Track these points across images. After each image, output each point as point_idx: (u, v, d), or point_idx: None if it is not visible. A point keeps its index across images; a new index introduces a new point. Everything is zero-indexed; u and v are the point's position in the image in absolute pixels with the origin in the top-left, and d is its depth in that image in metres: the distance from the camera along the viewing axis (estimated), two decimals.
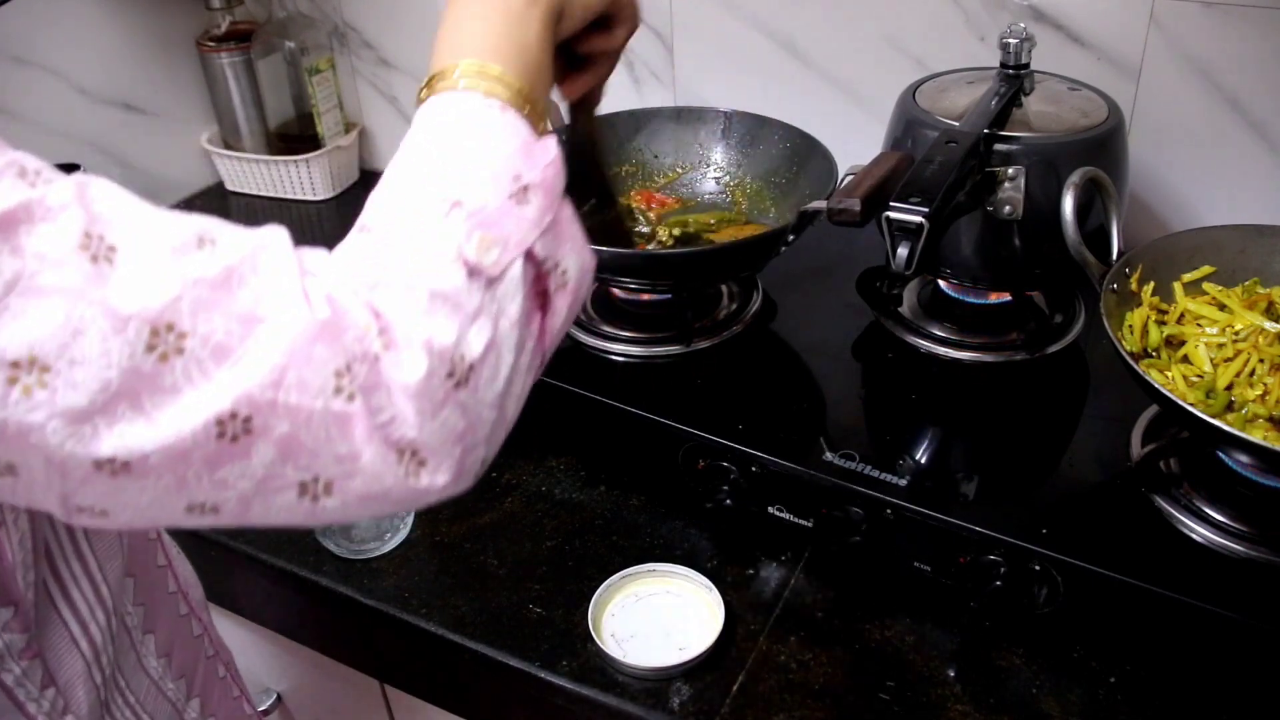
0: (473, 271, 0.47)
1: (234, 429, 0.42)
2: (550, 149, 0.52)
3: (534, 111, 0.54)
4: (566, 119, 0.81)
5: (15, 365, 0.38)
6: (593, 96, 0.77)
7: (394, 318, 0.45)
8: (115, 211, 0.42)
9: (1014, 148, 0.86)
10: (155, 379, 0.40)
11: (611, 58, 0.72)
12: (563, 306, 0.52)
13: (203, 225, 0.44)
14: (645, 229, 1.07)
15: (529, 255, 0.49)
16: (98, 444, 0.40)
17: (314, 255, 0.47)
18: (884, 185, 0.75)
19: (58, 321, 0.38)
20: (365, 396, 0.44)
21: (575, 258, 0.52)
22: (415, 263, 0.46)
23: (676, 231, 1.05)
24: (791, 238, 0.90)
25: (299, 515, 0.46)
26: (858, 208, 0.73)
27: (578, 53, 0.70)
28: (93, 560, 0.59)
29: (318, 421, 0.43)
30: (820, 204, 0.83)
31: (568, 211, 0.52)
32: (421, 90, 0.55)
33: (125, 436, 0.40)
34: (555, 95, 0.73)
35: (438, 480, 0.46)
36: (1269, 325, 0.81)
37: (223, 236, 0.44)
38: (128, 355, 0.40)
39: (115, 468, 0.40)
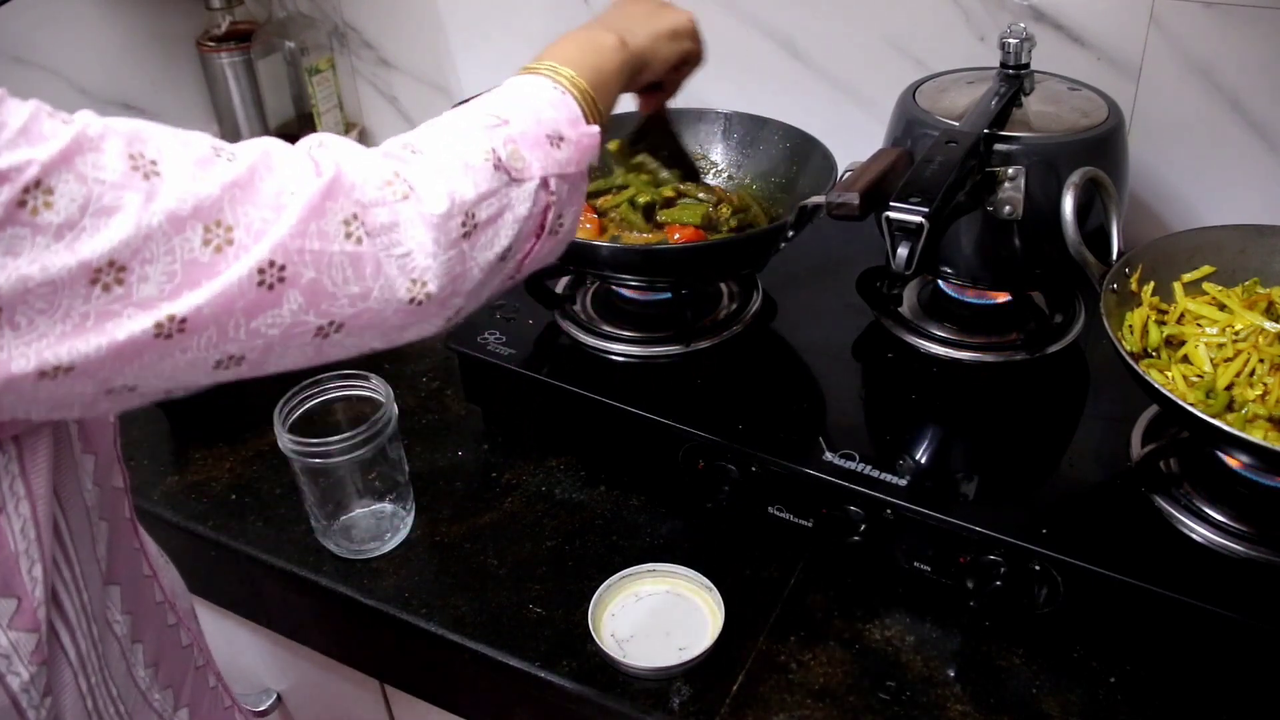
0: (499, 164, 0.58)
1: (270, 277, 0.49)
2: (593, 129, 0.64)
3: (592, 108, 0.66)
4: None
5: (98, 270, 0.45)
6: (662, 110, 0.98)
7: (427, 171, 0.55)
8: (138, 132, 0.48)
9: (1014, 148, 0.86)
10: (211, 267, 0.48)
11: (678, 85, 0.89)
12: (548, 247, 0.63)
13: (211, 140, 0.51)
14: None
15: (545, 184, 0.60)
16: (160, 310, 0.47)
17: (337, 140, 0.56)
18: (883, 180, 0.75)
19: (129, 231, 0.45)
20: (376, 237, 0.53)
21: (572, 219, 0.65)
22: (457, 144, 0.58)
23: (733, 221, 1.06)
24: (791, 233, 0.90)
25: (309, 354, 0.54)
26: (856, 201, 0.73)
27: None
28: (77, 565, 0.59)
29: (336, 263, 0.51)
30: (820, 199, 0.83)
31: (584, 188, 0.65)
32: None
33: (187, 300, 0.47)
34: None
35: (431, 301, 0.55)
36: (1269, 325, 0.81)
37: (227, 146, 0.51)
38: (187, 250, 0.47)
39: (173, 328, 0.47)
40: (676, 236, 1.00)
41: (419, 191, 0.55)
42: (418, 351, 1.13)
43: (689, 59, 0.83)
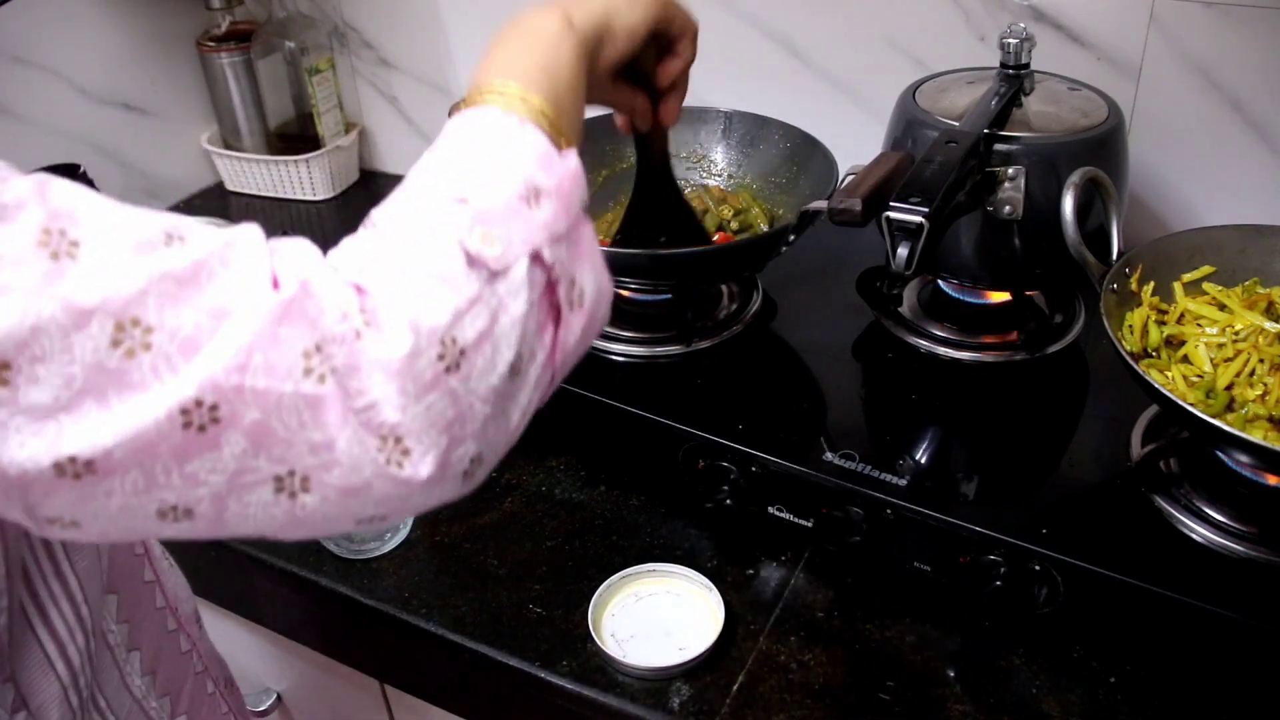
0: (472, 261, 0.46)
1: (200, 418, 0.40)
2: (570, 162, 0.52)
3: (556, 129, 0.54)
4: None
5: None
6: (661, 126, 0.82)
7: (382, 296, 0.44)
8: (77, 207, 0.41)
9: (1014, 148, 0.86)
10: (122, 375, 0.39)
11: (684, 75, 0.77)
12: (577, 325, 0.51)
13: (171, 222, 0.43)
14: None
15: (538, 259, 0.48)
16: (60, 442, 0.39)
17: (297, 244, 0.46)
18: (885, 185, 0.75)
19: (14, 319, 0.37)
20: (340, 379, 0.42)
21: (593, 278, 0.52)
22: (413, 248, 0.46)
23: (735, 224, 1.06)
24: (792, 238, 0.90)
25: (279, 517, 0.44)
26: (859, 208, 0.73)
27: (657, 85, 0.75)
28: (73, 579, 0.57)
29: (288, 406, 0.42)
30: (821, 204, 0.83)
31: (588, 231, 0.52)
32: (450, 110, 0.55)
33: (89, 433, 0.39)
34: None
35: (421, 471, 0.44)
36: (1269, 325, 0.81)
37: (191, 233, 0.42)
38: (91, 350, 0.39)
39: (79, 469, 0.39)
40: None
41: (377, 323, 0.43)
42: None
43: (674, 30, 0.70)
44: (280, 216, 1.49)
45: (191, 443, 0.41)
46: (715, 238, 1.03)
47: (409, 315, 0.44)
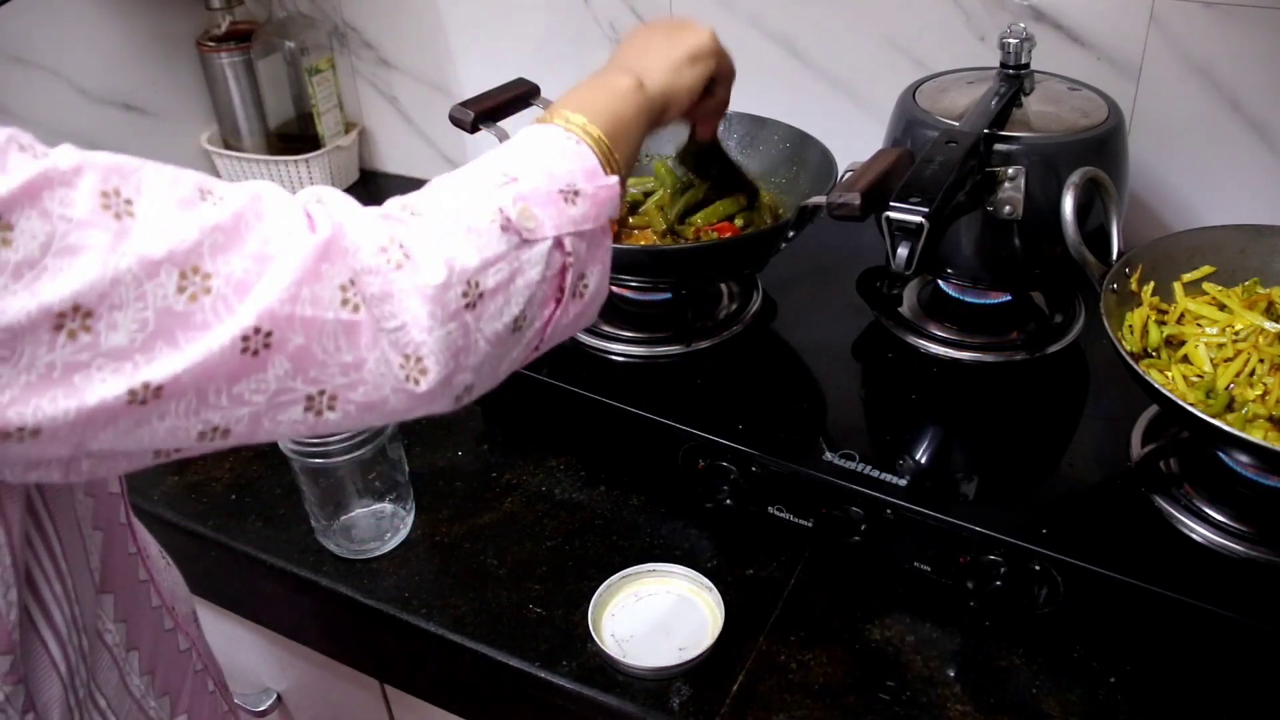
0: (507, 226, 0.53)
1: (256, 343, 0.46)
2: (612, 180, 0.59)
3: (607, 157, 0.61)
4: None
5: (61, 315, 0.41)
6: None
7: (422, 234, 0.51)
8: (119, 167, 0.45)
9: (1014, 148, 0.86)
10: (188, 317, 0.45)
11: (723, 105, 0.87)
12: (572, 311, 0.58)
13: (197, 177, 0.48)
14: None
15: (560, 244, 0.55)
16: (136, 375, 0.44)
17: (334, 194, 0.53)
18: (884, 180, 0.75)
19: (95, 274, 0.42)
20: (372, 306, 0.49)
21: (598, 278, 0.60)
22: (460, 202, 0.54)
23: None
24: (792, 234, 0.90)
25: (302, 429, 0.50)
26: (858, 202, 0.73)
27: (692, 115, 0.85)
28: (70, 580, 0.58)
29: (329, 331, 0.48)
30: (820, 199, 0.83)
31: (608, 240, 0.60)
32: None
33: (162, 365, 0.44)
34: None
35: (430, 386, 0.51)
36: (1269, 325, 0.81)
37: (218, 188, 0.48)
38: (161, 296, 0.44)
39: (148, 394, 0.44)
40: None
41: (415, 259, 0.50)
42: None
43: (718, 77, 0.81)
44: None
45: (245, 365, 0.46)
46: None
47: (445, 254, 0.51)
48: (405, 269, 0.50)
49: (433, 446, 1.00)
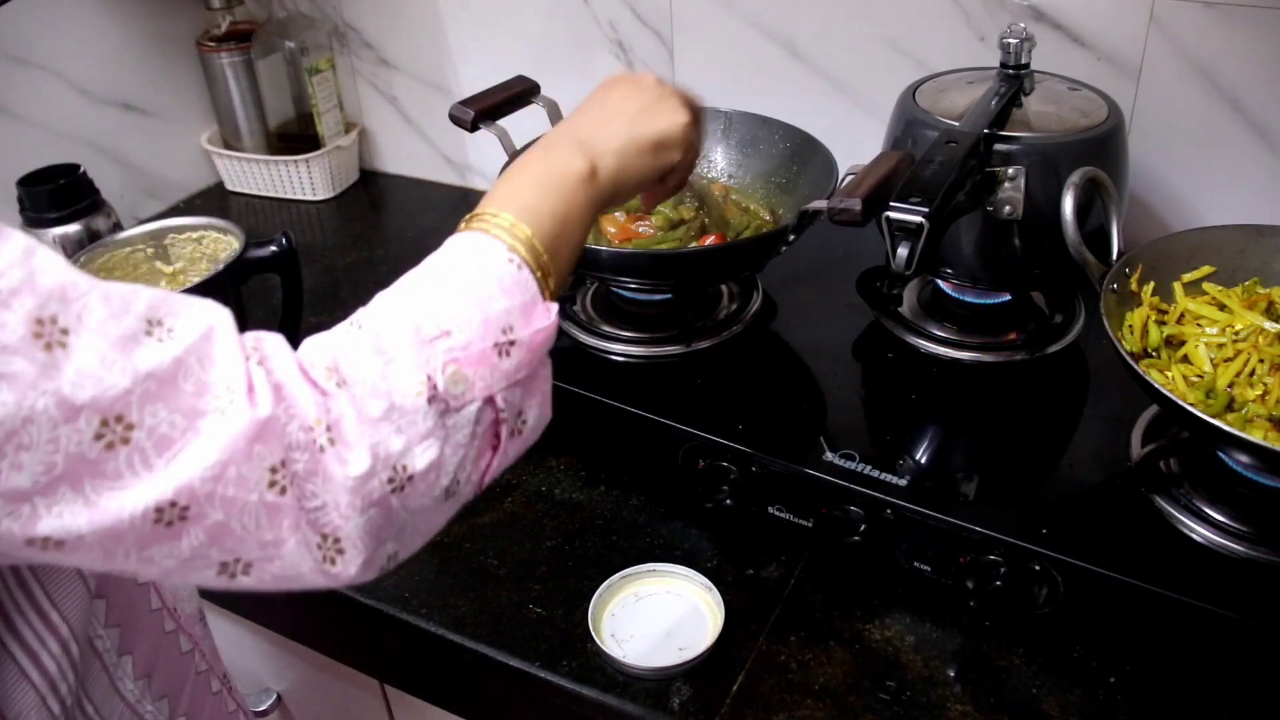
0: (434, 398, 0.50)
1: (171, 516, 0.44)
2: (550, 315, 0.56)
3: (550, 277, 0.58)
4: None
5: None
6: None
7: (349, 414, 0.48)
8: (65, 289, 0.43)
9: (1014, 148, 0.86)
10: (99, 465, 0.42)
11: (678, 187, 0.80)
12: (514, 451, 0.56)
13: (149, 303, 0.45)
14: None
15: (490, 400, 0.53)
16: (35, 524, 0.42)
17: (274, 344, 0.50)
18: (885, 185, 0.75)
19: (9, 409, 0.40)
20: (299, 483, 0.47)
21: (538, 411, 0.57)
22: (387, 372, 0.50)
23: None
24: (792, 237, 0.90)
25: (215, 586, 0.48)
26: (858, 207, 0.73)
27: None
28: (38, 587, 0.57)
29: (250, 511, 0.46)
30: (821, 203, 0.83)
31: (546, 370, 0.57)
32: (462, 221, 0.60)
33: (63, 518, 0.42)
34: None
35: (349, 569, 0.49)
36: (1269, 325, 0.81)
37: (169, 317, 0.45)
38: (75, 442, 0.41)
39: (48, 545, 0.42)
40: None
41: (340, 443, 0.47)
42: None
43: (678, 166, 0.73)
44: (280, 216, 1.49)
45: (157, 534, 0.44)
46: (710, 239, 1.03)
47: (370, 438, 0.48)
48: (329, 453, 0.47)
49: None
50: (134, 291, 0.45)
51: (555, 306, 0.57)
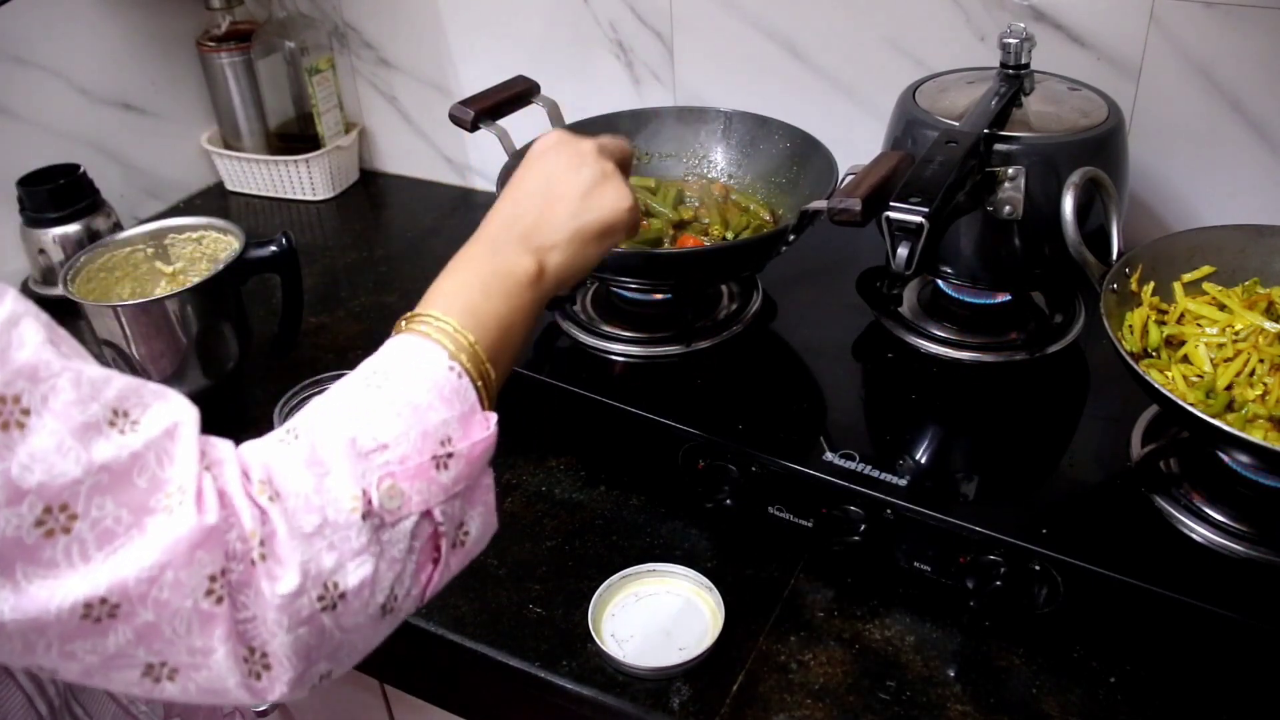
0: (369, 513, 0.49)
1: (100, 612, 0.43)
2: (489, 426, 0.55)
3: (490, 385, 0.57)
4: None
5: None
6: None
7: (282, 529, 0.47)
8: (34, 371, 0.42)
9: (1014, 148, 0.86)
10: (35, 551, 0.41)
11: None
12: (456, 563, 0.56)
13: (120, 392, 0.45)
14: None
15: (427, 514, 0.52)
16: None
17: (224, 446, 0.49)
18: (885, 185, 0.75)
19: None
20: (233, 595, 0.46)
21: (481, 521, 0.56)
22: (322, 486, 0.49)
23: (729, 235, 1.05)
24: (792, 237, 0.90)
25: (134, 690, 0.47)
26: (858, 207, 0.73)
27: None
28: None
29: (183, 616, 0.45)
30: (821, 204, 0.83)
31: (487, 480, 0.57)
32: (403, 319, 0.58)
33: None
34: None
35: (275, 687, 0.48)
36: (1269, 325, 0.81)
37: (135, 409, 0.45)
38: (14, 526, 0.41)
39: None
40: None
41: (272, 559, 0.47)
42: None
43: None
44: (280, 216, 1.49)
45: (83, 629, 0.43)
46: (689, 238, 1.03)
47: (301, 555, 0.47)
48: (260, 568, 0.47)
49: None
50: (107, 379, 0.45)
51: (494, 417, 0.56)
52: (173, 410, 0.47)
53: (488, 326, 0.58)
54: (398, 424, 0.52)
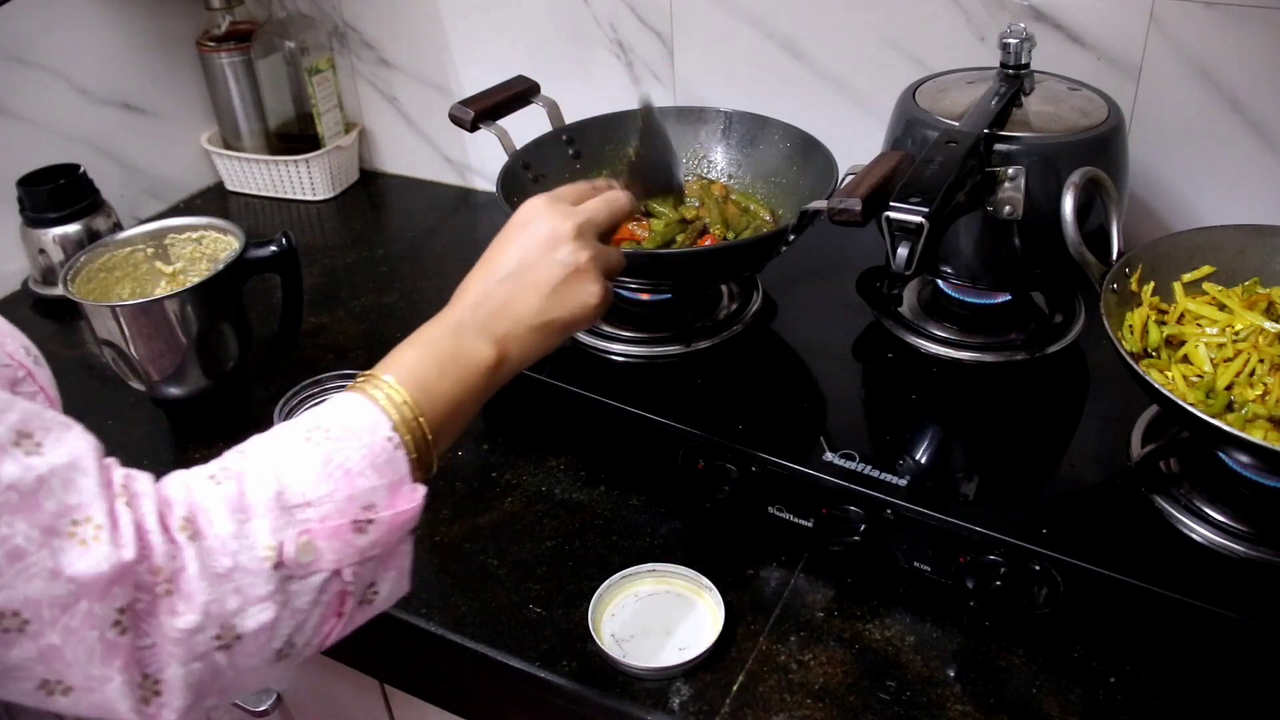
0: (280, 564, 0.51)
1: (10, 624, 0.44)
2: (415, 498, 0.57)
3: (425, 460, 0.59)
4: None
5: None
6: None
7: (193, 570, 0.49)
8: None
9: (1014, 148, 0.86)
10: None
11: None
12: (360, 618, 0.57)
13: (22, 415, 0.46)
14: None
15: (337, 572, 0.53)
16: None
17: (143, 479, 0.50)
18: (885, 185, 0.75)
19: None
20: (137, 624, 0.47)
21: (393, 584, 0.58)
22: (241, 532, 0.51)
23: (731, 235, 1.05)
24: (792, 237, 0.90)
25: (24, 700, 0.48)
26: (859, 207, 0.73)
27: None
28: None
29: (88, 644, 0.46)
30: (821, 204, 0.83)
31: (406, 547, 0.58)
32: (361, 377, 0.60)
33: None
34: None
35: (165, 714, 0.49)
36: (1269, 325, 0.81)
37: (40, 432, 0.46)
38: None
39: None
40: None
41: (176, 594, 0.48)
42: None
43: None
44: (280, 216, 1.49)
45: None
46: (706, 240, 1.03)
47: (205, 595, 0.49)
48: (164, 602, 0.48)
49: None
50: (9, 403, 0.46)
51: (422, 490, 0.57)
52: (76, 441, 0.48)
53: (437, 405, 0.59)
54: (326, 485, 0.53)
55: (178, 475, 0.53)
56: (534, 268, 0.66)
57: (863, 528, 0.80)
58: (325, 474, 0.53)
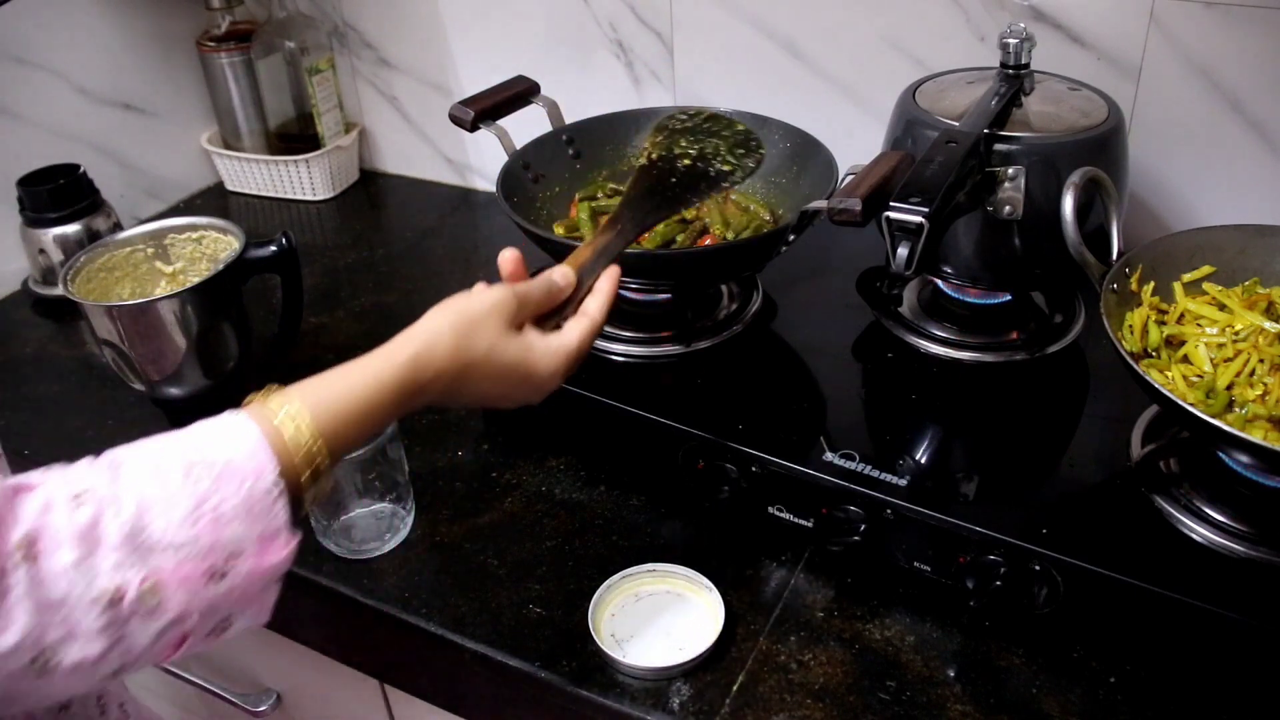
0: (116, 601, 0.49)
1: None
2: (285, 549, 0.54)
3: (305, 500, 0.57)
4: None
5: None
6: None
7: (19, 593, 0.47)
8: None
9: (1014, 148, 0.86)
10: None
11: None
12: (200, 649, 0.54)
13: None
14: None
15: (180, 619, 0.51)
16: None
17: (30, 529, 0.48)
18: (885, 185, 0.75)
19: None
20: None
21: (252, 618, 0.55)
22: (84, 564, 0.48)
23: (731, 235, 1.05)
24: (792, 237, 0.90)
25: None
26: (859, 207, 0.73)
27: None
28: None
29: None
30: (821, 204, 0.83)
31: (272, 590, 0.55)
32: (276, 393, 0.58)
33: None
34: None
35: None
36: (1269, 325, 0.81)
37: None
38: None
39: None
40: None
41: (5, 608, 0.47)
42: None
43: None
44: (280, 216, 1.49)
45: None
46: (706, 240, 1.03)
47: (30, 622, 0.47)
48: None
49: (433, 446, 1.00)
50: None
51: (295, 541, 0.55)
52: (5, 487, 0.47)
53: (341, 448, 0.58)
54: (190, 530, 0.51)
55: (49, 485, 0.50)
56: (498, 399, 0.67)
57: (863, 528, 0.80)
58: (193, 518, 0.51)
